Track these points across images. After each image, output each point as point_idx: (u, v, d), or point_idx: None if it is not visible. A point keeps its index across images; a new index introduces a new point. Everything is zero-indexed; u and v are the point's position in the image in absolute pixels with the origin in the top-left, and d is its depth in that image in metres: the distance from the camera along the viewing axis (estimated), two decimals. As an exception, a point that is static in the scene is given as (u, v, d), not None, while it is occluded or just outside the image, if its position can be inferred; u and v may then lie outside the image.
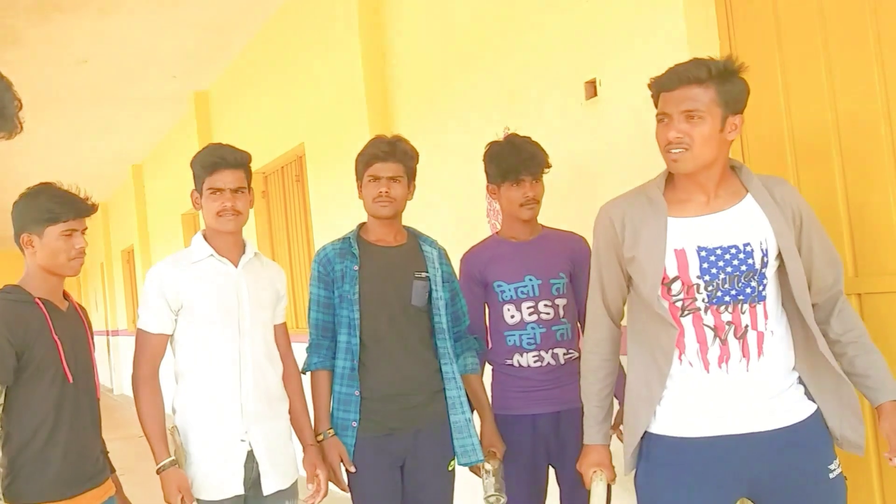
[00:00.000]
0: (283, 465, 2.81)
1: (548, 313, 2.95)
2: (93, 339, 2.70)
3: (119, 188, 13.88)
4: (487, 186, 3.06)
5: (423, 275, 2.93)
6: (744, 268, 2.10)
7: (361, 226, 3.03)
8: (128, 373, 3.04)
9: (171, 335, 2.77)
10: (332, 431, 2.87)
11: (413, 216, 4.62)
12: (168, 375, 2.77)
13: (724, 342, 2.12)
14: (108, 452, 2.76)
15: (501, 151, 2.98)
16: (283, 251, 7.33)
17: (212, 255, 2.77)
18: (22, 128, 1.34)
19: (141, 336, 2.75)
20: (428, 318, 2.95)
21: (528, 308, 2.98)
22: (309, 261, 6.65)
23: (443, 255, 3.04)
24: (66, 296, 2.62)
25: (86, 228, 2.60)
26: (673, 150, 2.10)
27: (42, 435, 2.42)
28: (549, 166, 2.98)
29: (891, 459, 2.11)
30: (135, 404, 2.74)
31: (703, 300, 2.13)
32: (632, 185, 3.01)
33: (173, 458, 2.66)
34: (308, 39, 6.02)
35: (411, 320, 2.91)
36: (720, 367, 2.12)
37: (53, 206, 2.52)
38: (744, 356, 2.11)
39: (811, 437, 2.14)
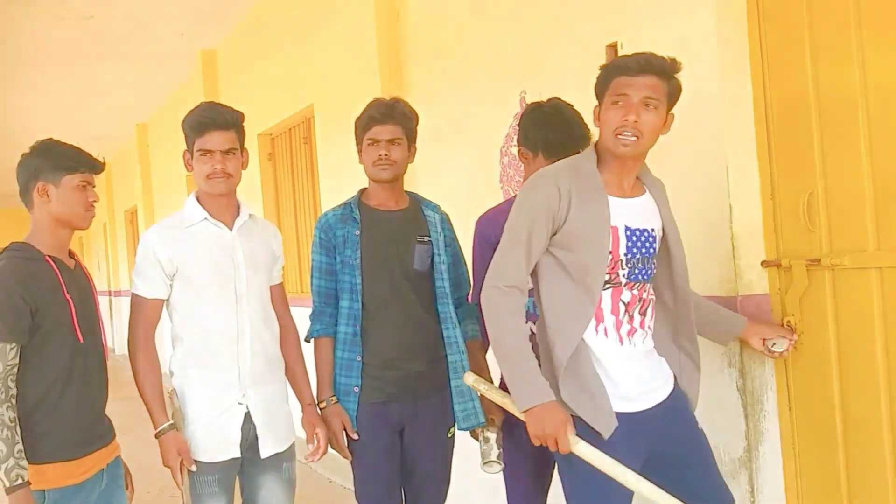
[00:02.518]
0: (280, 428, 2.83)
1: None
2: (97, 297, 2.68)
3: (123, 148, 13.79)
4: (519, 149, 2.88)
5: (426, 239, 2.93)
6: (651, 250, 2.33)
7: (363, 191, 3.02)
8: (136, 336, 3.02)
9: (167, 299, 2.75)
10: (334, 399, 2.88)
11: (425, 181, 4.59)
12: (164, 339, 2.74)
13: (631, 317, 2.32)
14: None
15: (551, 122, 2.77)
16: (290, 214, 7.27)
17: (206, 218, 2.74)
18: None
19: (136, 301, 2.74)
20: (430, 283, 2.94)
21: None
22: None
23: (445, 220, 3.04)
24: (70, 254, 2.59)
25: (95, 185, 2.58)
26: (625, 133, 2.20)
27: (54, 395, 2.40)
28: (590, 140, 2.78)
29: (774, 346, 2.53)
30: (132, 369, 2.72)
31: (624, 276, 2.29)
32: (650, 155, 2.95)
33: (172, 421, 2.66)
34: (319, -2, 5.91)
35: (413, 285, 2.91)
36: (630, 339, 2.32)
37: (72, 156, 2.51)
38: (641, 328, 2.34)
39: (677, 399, 2.40)
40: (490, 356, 3.04)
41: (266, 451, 2.77)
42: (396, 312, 2.89)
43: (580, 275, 2.28)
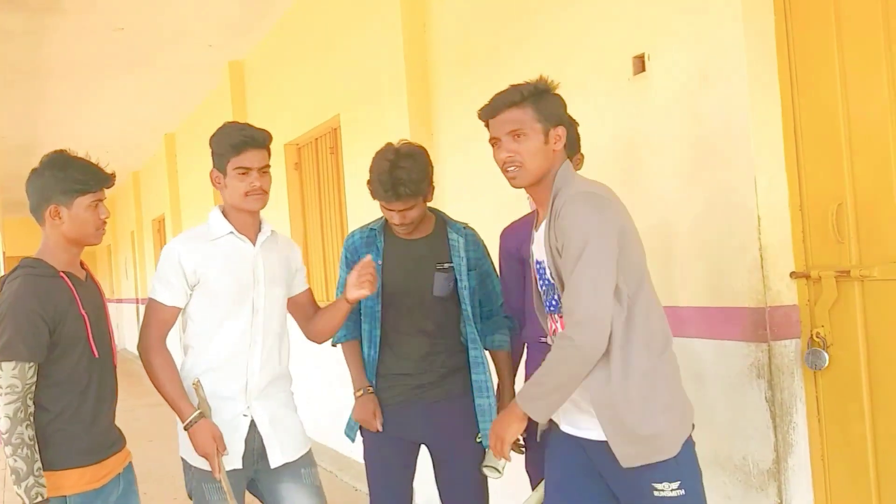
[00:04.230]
0: (288, 439, 2.82)
1: None
2: (107, 305, 2.70)
3: (151, 157, 13.93)
4: None
5: (446, 266, 3.00)
6: (549, 282, 2.32)
7: None
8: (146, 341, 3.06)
9: (184, 308, 2.79)
10: (370, 389, 3.04)
11: (455, 193, 4.60)
12: (172, 347, 2.77)
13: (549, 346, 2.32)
14: None
15: None
16: (315, 224, 7.30)
17: (231, 232, 2.77)
18: None
19: (153, 306, 2.76)
20: (456, 305, 3.03)
21: None
22: (341, 234, 6.63)
23: (471, 241, 3.07)
24: (81, 264, 2.61)
25: (105, 199, 2.59)
26: (509, 169, 2.29)
27: (70, 409, 2.43)
28: (577, 149, 2.91)
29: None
30: (147, 371, 2.73)
31: (548, 306, 2.37)
32: (677, 165, 2.96)
33: (199, 410, 2.67)
34: (347, 8, 5.95)
35: (431, 309, 3.01)
36: None
37: (83, 177, 2.50)
38: None
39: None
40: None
41: (275, 460, 2.77)
42: (414, 335, 3.02)
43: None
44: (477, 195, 4.32)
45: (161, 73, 8.88)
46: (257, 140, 2.73)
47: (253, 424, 2.75)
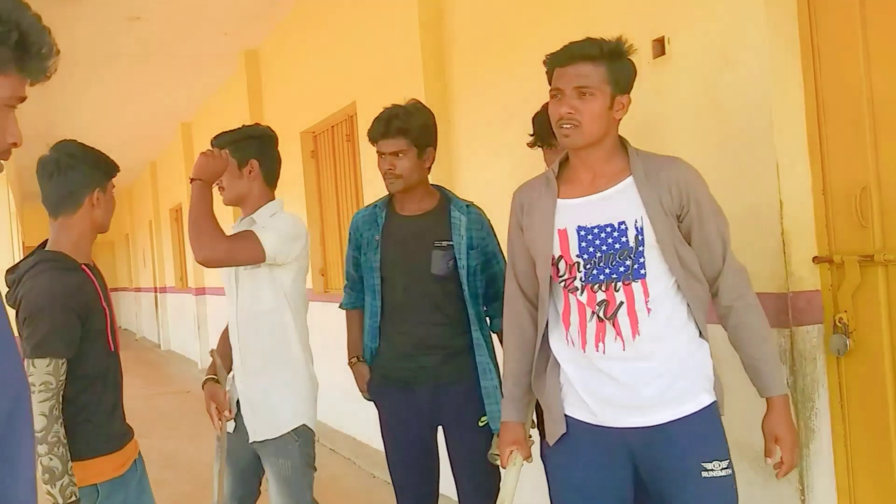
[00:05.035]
0: (261, 419, 2.96)
1: None
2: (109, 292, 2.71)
3: (168, 147, 13.97)
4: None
5: (444, 244, 2.97)
6: (618, 245, 2.15)
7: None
8: (175, 329, 3.28)
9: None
10: (357, 358, 3.16)
11: (470, 176, 4.58)
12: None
13: (600, 320, 2.17)
14: None
15: (541, 114, 2.99)
16: (332, 212, 7.31)
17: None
18: (49, 76, 1.31)
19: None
20: (455, 285, 3.00)
21: None
22: (358, 222, 6.62)
23: (474, 219, 3.03)
24: None
25: None
26: (564, 126, 2.16)
27: (94, 400, 2.44)
28: None
29: (766, 459, 2.22)
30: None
31: (580, 279, 2.19)
32: (698, 150, 2.93)
33: (213, 376, 3.02)
34: (361, -4, 5.93)
35: (429, 288, 2.99)
36: (597, 347, 2.18)
37: (109, 162, 2.57)
38: (618, 335, 2.16)
39: (686, 434, 2.14)
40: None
41: (252, 436, 2.98)
42: (411, 314, 3.01)
43: (528, 284, 2.35)
44: (493, 181, 4.30)
45: (177, 63, 8.90)
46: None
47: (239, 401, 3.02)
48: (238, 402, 3.03)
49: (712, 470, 2.11)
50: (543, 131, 3.00)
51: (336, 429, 6.85)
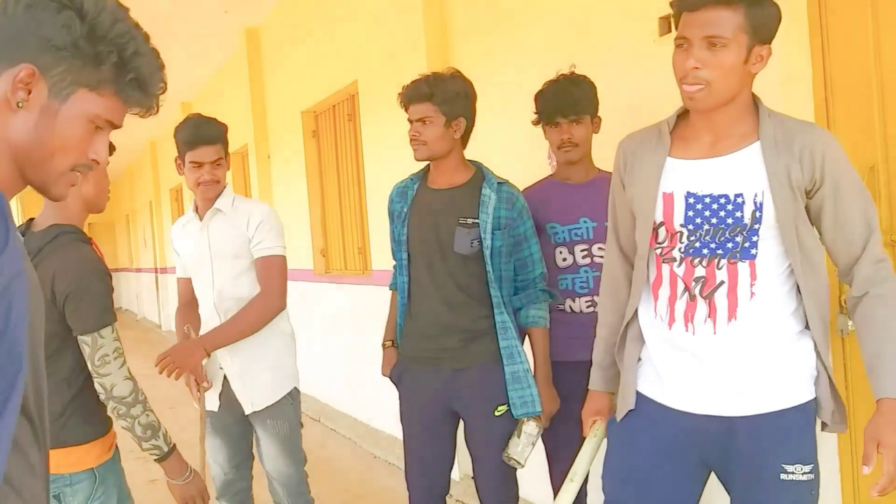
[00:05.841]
0: (255, 391, 3.14)
1: (602, 257, 2.84)
2: None
3: (168, 126, 13.85)
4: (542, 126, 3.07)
5: (469, 221, 2.82)
6: (730, 220, 1.91)
7: (429, 164, 3.01)
8: (175, 309, 3.35)
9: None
10: (389, 343, 3.10)
11: (473, 156, 4.53)
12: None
13: (692, 298, 1.96)
14: None
15: (545, 92, 3.00)
16: (334, 191, 7.28)
17: (195, 214, 3.20)
18: (158, 110, 1.30)
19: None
20: (481, 267, 2.85)
21: (581, 251, 2.97)
22: (359, 202, 6.60)
23: (504, 198, 2.86)
24: None
25: None
26: (688, 86, 1.89)
27: (88, 384, 2.39)
28: (592, 112, 2.96)
29: (863, 466, 1.86)
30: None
31: (679, 249, 1.97)
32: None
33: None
34: (363, -26, 5.87)
35: (453, 267, 2.85)
36: (686, 326, 1.98)
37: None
38: (709, 317, 1.96)
39: (772, 430, 1.93)
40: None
41: (247, 409, 3.15)
42: (433, 292, 2.88)
43: (630, 246, 2.16)
44: (495, 161, 4.27)
45: (177, 41, 8.82)
46: (208, 137, 3.05)
47: (227, 377, 3.15)
48: (225, 378, 3.18)
49: (793, 473, 1.91)
50: (546, 109, 2.99)
51: (339, 410, 6.86)
